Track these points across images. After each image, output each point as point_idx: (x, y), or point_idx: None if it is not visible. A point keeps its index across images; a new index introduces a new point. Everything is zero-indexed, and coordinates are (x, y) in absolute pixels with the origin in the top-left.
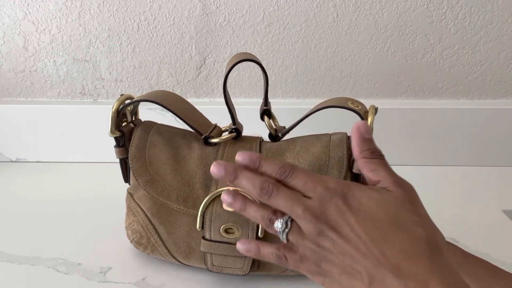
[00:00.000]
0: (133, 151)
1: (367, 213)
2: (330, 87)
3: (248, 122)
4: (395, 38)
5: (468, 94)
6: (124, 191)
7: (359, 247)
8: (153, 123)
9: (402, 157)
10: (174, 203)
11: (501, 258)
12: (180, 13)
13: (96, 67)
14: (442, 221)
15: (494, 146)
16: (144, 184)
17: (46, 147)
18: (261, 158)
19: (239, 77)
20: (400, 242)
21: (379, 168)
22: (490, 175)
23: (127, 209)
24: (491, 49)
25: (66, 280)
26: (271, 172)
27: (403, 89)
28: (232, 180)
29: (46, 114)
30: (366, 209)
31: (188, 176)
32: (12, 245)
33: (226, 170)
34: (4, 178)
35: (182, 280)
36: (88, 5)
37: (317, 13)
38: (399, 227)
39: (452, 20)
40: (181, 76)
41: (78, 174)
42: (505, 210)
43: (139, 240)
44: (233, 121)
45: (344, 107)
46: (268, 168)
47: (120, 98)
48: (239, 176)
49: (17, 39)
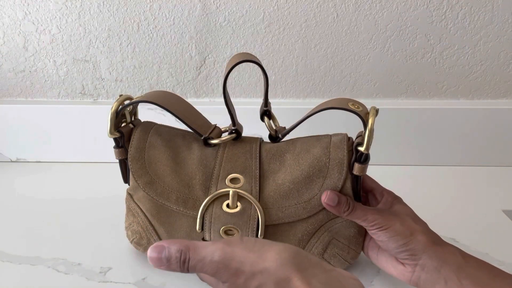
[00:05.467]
0: (132, 152)
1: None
2: (330, 87)
3: (248, 122)
4: (395, 38)
5: (468, 94)
6: (124, 191)
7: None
8: (153, 123)
9: (402, 157)
10: (173, 204)
11: (501, 258)
12: (180, 13)
13: (96, 67)
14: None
15: (494, 146)
16: (143, 185)
17: (46, 147)
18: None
19: (239, 77)
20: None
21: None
22: (490, 175)
23: (127, 209)
24: (491, 49)
25: (66, 280)
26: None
27: (403, 89)
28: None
29: (46, 114)
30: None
31: (187, 177)
32: (12, 245)
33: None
34: (4, 178)
35: (182, 280)
36: (88, 5)
37: (317, 13)
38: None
39: (452, 20)
40: (181, 76)
41: (78, 174)
42: (505, 210)
43: (139, 241)
44: (233, 122)
45: (345, 109)
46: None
47: (119, 98)
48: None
49: (17, 39)
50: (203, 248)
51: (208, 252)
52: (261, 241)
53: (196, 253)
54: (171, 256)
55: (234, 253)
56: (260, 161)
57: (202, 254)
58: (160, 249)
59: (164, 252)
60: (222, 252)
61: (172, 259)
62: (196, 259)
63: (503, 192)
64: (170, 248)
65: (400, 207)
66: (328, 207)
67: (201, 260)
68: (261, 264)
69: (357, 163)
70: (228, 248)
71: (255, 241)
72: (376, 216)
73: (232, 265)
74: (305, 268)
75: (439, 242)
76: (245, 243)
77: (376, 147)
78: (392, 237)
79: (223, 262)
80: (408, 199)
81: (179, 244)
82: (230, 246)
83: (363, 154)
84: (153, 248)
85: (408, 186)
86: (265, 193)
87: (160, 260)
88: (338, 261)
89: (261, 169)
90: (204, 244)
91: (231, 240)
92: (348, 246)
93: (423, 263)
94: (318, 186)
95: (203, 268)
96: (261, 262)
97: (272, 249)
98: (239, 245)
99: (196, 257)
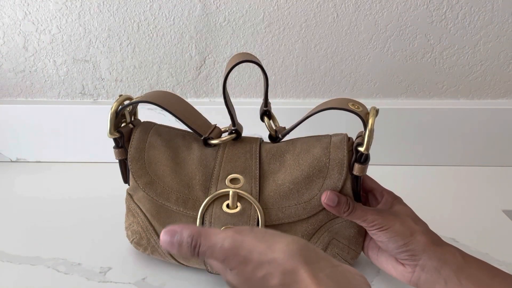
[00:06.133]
0: (132, 153)
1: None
2: (330, 87)
3: (248, 122)
4: (395, 38)
5: (468, 94)
6: (124, 191)
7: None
8: (152, 123)
9: (402, 157)
10: (173, 204)
11: (501, 258)
12: (180, 13)
13: (96, 67)
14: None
15: (494, 146)
16: (143, 185)
17: (46, 147)
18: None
19: (239, 77)
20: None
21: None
22: (490, 175)
23: (127, 210)
24: (491, 49)
25: (66, 280)
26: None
27: (403, 89)
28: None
29: (46, 114)
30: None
31: (187, 177)
32: (12, 245)
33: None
34: (4, 178)
35: (182, 280)
36: (88, 5)
37: (317, 13)
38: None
39: (452, 20)
40: (181, 76)
41: (78, 174)
42: (505, 210)
43: (139, 241)
44: (233, 122)
45: (345, 109)
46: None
47: (118, 99)
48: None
49: (17, 39)
50: (214, 235)
51: (219, 239)
52: (271, 232)
53: (207, 239)
54: (182, 240)
55: (243, 241)
56: (260, 161)
57: (213, 241)
58: (173, 233)
59: (176, 236)
60: (232, 240)
61: (183, 244)
62: (206, 245)
63: (503, 192)
64: (182, 233)
65: (400, 207)
66: (328, 207)
67: (211, 247)
68: (270, 254)
69: (357, 163)
70: (238, 236)
71: (265, 231)
72: (376, 217)
73: (241, 253)
74: (313, 261)
75: (439, 243)
76: (255, 233)
77: (376, 147)
78: (392, 238)
79: (233, 249)
80: (408, 199)
81: (191, 229)
82: (240, 234)
83: (363, 155)
84: (166, 232)
85: (408, 186)
86: (265, 193)
87: (172, 244)
88: (338, 261)
89: (261, 169)
90: (215, 231)
91: (241, 229)
92: (348, 246)
93: (423, 263)
94: (318, 187)
95: (212, 254)
96: (270, 253)
97: (281, 241)
98: (249, 234)
99: (207, 243)
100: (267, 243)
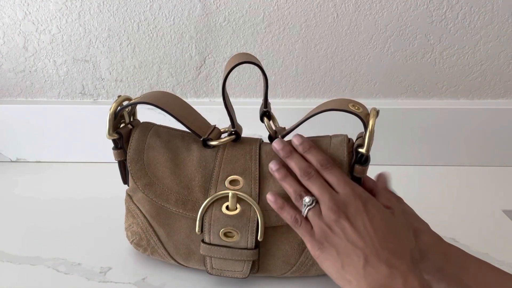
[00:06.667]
0: (131, 154)
1: (377, 220)
2: (330, 87)
3: (248, 122)
4: (395, 38)
5: (468, 94)
6: (124, 191)
7: (364, 238)
8: (151, 124)
9: (402, 157)
10: (173, 206)
11: (501, 258)
12: (180, 13)
13: (96, 67)
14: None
15: (494, 146)
16: (142, 187)
17: (46, 147)
18: (311, 146)
19: (239, 77)
20: (395, 246)
21: (392, 200)
22: (490, 175)
23: (126, 210)
24: (491, 49)
25: (66, 280)
26: (315, 160)
27: (403, 89)
28: (284, 157)
29: (46, 114)
30: (378, 217)
31: (187, 179)
32: (12, 245)
33: (283, 149)
34: (4, 178)
35: (182, 281)
36: (88, 5)
37: (317, 13)
38: (396, 237)
39: (452, 20)
40: (181, 76)
41: (78, 174)
42: (505, 210)
43: (139, 242)
44: (232, 124)
45: (345, 110)
46: (313, 157)
47: (117, 99)
48: (291, 157)
49: (17, 39)
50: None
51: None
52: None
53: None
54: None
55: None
56: (259, 162)
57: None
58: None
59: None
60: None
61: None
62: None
63: (503, 192)
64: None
65: (402, 207)
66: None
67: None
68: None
69: (358, 164)
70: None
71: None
72: None
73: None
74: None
75: (441, 243)
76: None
77: (376, 147)
78: None
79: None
80: (408, 199)
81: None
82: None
83: (364, 156)
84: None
85: (408, 186)
86: (265, 195)
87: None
88: None
89: (261, 171)
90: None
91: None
92: None
93: (425, 263)
94: None
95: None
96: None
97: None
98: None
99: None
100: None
